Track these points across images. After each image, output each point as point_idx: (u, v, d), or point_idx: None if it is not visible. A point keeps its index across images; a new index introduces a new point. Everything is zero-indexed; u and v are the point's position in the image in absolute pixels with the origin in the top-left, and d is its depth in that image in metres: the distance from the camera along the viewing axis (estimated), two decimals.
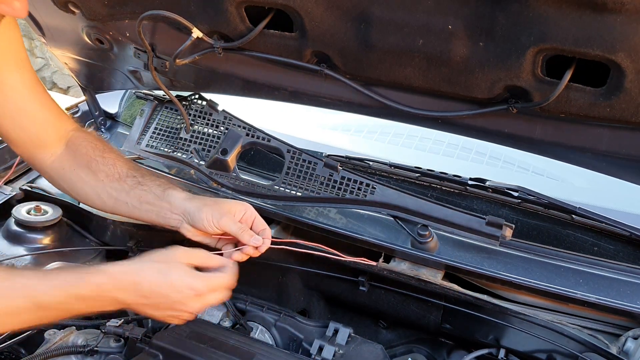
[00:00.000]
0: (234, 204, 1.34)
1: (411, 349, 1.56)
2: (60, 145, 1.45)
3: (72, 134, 1.47)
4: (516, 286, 1.39)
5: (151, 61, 1.61)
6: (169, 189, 1.38)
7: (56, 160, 1.44)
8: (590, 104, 1.20)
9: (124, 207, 1.40)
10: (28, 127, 1.41)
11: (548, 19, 1.07)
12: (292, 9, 1.30)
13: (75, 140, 1.46)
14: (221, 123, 1.71)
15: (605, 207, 1.60)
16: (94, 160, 1.43)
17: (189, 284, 1.14)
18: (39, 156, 1.45)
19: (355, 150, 1.95)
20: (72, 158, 1.44)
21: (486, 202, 1.63)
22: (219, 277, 1.20)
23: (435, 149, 2.11)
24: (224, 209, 1.31)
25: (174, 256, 1.17)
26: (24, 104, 1.39)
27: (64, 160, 1.44)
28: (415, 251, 1.47)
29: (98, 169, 1.42)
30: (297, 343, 1.41)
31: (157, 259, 1.16)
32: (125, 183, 1.40)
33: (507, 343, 1.40)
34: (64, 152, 1.45)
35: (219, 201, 1.35)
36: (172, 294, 1.14)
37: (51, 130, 1.44)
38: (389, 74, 1.36)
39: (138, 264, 1.16)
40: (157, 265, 1.15)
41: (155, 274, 1.14)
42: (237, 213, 1.32)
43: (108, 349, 1.33)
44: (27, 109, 1.40)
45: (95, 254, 1.72)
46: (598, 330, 1.39)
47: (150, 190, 1.38)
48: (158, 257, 1.16)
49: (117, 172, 1.41)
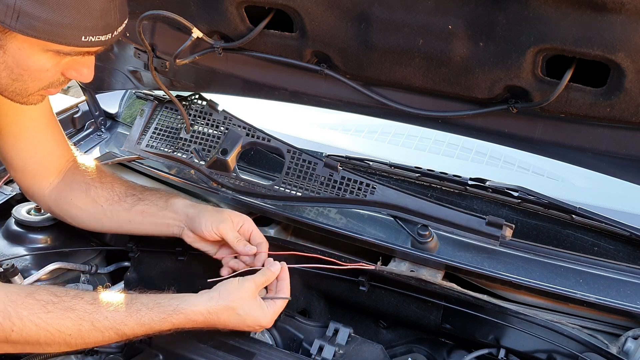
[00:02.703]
0: (234, 214, 1.38)
1: (411, 348, 1.56)
2: (58, 176, 1.48)
3: (70, 164, 1.50)
4: (516, 286, 1.39)
5: (151, 61, 1.61)
6: (171, 198, 1.43)
7: (53, 191, 1.48)
8: (590, 104, 1.20)
9: (126, 225, 1.45)
10: (34, 156, 1.44)
11: (548, 18, 1.07)
12: (292, 9, 1.30)
13: (73, 171, 1.49)
14: (221, 123, 1.71)
15: (605, 207, 1.60)
16: (92, 186, 1.46)
17: (258, 321, 1.23)
18: (37, 185, 1.48)
19: (355, 150, 1.95)
20: (68, 189, 1.47)
21: (486, 202, 1.63)
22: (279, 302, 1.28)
23: (435, 149, 2.11)
24: (223, 216, 1.36)
25: (246, 292, 1.22)
26: (37, 134, 1.43)
27: (61, 190, 1.48)
28: (415, 251, 1.47)
29: (97, 194, 1.45)
30: (297, 343, 1.41)
31: (231, 298, 1.20)
32: (125, 202, 1.44)
33: (507, 343, 1.40)
34: (61, 183, 1.48)
35: (220, 210, 1.39)
36: (244, 327, 1.25)
37: (54, 162, 1.48)
38: (389, 74, 1.36)
39: (215, 305, 1.19)
40: (232, 307, 1.20)
41: (231, 317, 1.21)
42: (236, 223, 1.37)
43: (108, 349, 1.33)
44: (38, 139, 1.44)
45: (95, 254, 1.72)
46: (598, 330, 1.39)
47: (153, 202, 1.43)
48: (233, 297, 1.21)
49: (117, 194, 1.45)
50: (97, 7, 1.01)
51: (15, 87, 1.10)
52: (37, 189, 1.49)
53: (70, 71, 1.12)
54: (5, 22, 0.97)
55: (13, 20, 0.97)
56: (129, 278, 1.65)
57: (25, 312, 1.07)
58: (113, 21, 1.05)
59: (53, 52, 1.05)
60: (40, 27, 0.98)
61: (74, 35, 1.01)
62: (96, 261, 1.70)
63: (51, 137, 1.47)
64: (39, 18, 0.97)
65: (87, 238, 1.76)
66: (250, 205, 1.64)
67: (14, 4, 0.96)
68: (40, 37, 1.00)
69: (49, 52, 1.04)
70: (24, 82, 1.09)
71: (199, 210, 1.38)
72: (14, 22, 0.97)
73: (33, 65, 1.06)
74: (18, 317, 1.07)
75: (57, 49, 1.04)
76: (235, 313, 1.20)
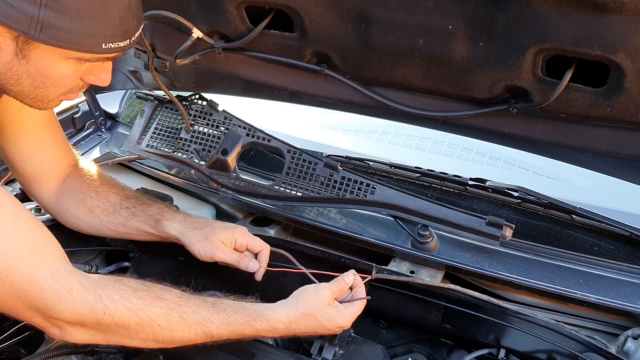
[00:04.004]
0: (224, 234, 1.38)
1: (411, 348, 1.56)
2: (57, 181, 1.48)
3: (70, 170, 1.50)
4: (516, 286, 1.39)
5: (151, 61, 1.61)
6: (162, 219, 1.43)
7: (52, 197, 1.48)
8: (591, 104, 1.20)
9: (126, 236, 1.49)
10: (34, 157, 1.44)
11: (548, 19, 1.07)
12: (292, 9, 1.30)
13: (72, 178, 1.48)
14: (221, 123, 1.71)
15: (605, 207, 1.60)
16: (89, 196, 1.47)
17: (338, 324, 1.26)
18: (37, 188, 1.48)
19: (355, 150, 1.95)
20: (67, 196, 1.47)
21: (486, 202, 1.63)
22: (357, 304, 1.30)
23: (436, 149, 2.11)
24: (214, 243, 1.37)
25: (322, 299, 1.25)
26: (39, 137, 1.44)
27: (59, 198, 1.48)
28: (415, 251, 1.47)
29: (93, 205, 1.46)
30: (297, 343, 1.41)
31: (310, 305, 1.24)
32: (120, 215, 1.45)
33: (507, 343, 1.40)
34: (59, 190, 1.48)
35: (209, 234, 1.38)
36: (324, 331, 1.27)
37: (53, 165, 1.48)
38: (389, 74, 1.36)
39: (295, 314, 1.23)
40: (311, 314, 1.23)
41: (310, 322, 1.23)
42: (229, 243, 1.38)
43: (108, 349, 1.33)
44: (39, 142, 1.44)
45: (95, 254, 1.72)
46: (598, 330, 1.39)
47: (145, 221, 1.44)
48: (311, 304, 1.24)
49: (111, 204, 1.46)
50: (117, 14, 1.04)
51: (36, 94, 1.12)
52: (37, 193, 1.49)
53: (89, 76, 1.14)
54: (30, 33, 0.99)
55: (37, 31, 0.99)
56: None
57: (117, 296, 1.09)
58: (131, 27, 1.08)
59: (74, 59, 1.07)
60: (63, 36, 1.00)
61: (95, 43, 1.04)
62: (96, 261, 1.70)
63: (50, 139, 1.47)
64: (61, 28, 1.00)
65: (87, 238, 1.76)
66: (250, 205, 1.64)
67: (37, 16, 0.98)
68: (63, 47, 1.02)
69: (70, 60, 1.07)
70: (45, 89, 1.11)
71: (189, 239, 1.38)
72: (38, 33, 0.99)
73: (55, 72, 1.08)
74: (110, 300, 1.08)
75: (79, 56, 1.06)
76: (315, 319, 1.23)
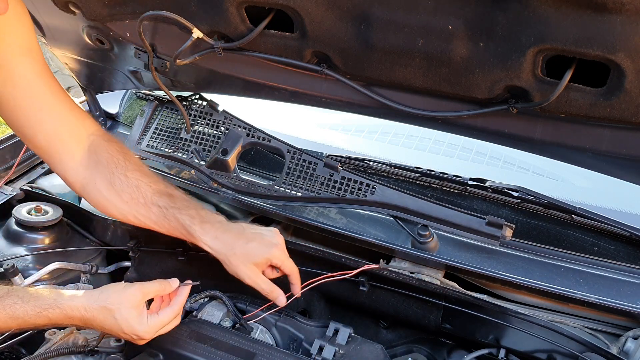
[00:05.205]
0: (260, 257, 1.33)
1: (411, 348, 1.56)
2: (79, 148, 1.37)
3: (92, 138, 1.39)
4: (516, 286, 1.39)
5: (152, 61, 1.61)
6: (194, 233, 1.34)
7: (78, 168, 1.37)
8: (590, 104, 1.20)
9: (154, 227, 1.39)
10: (42, 119, 1.34)
11: (548, 19, 1.07)
12: (292, 9, 1.30)
13: (97, 150, 1.38)
14: (221, 123, 1.71)
15: (605, 207, 1.60)
16: (118, 178, 1.36)
17: (134, 330, 1.18)
18: (58, 157, 1.37)
19: (355, 150, 1.95)
20: (94, 170, 1.37)
21: (486, 202, 1.63)
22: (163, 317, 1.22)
23: (435, 149, 2.11)
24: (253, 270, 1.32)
25: (128, 298, 1.18)
26: (36, 93, 1.33)
27: (86, 170, 1.37)
28: (415, 251, 1.47)
29: (122, 189, 1.36)
30: (297, 343, 1.41)
31: (111, 300, 1.17)
32: (151, 212, 1.36)
33: (507, 343, 1.40)
34: (85, 159, 1.37)
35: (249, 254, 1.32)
36: (120, 334, 1.20)
37: (68, 126, 1.37)
38: (389, 74, 1.36)
39: (93, 305, 1.17)
40: (110, 309, 1.17)
41: (107, 319, 1.17)
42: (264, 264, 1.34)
43: (108, 349, 1.33)
44: (39, 98, 1.33)
45: (95, 254, 1.72)
46: (598, 330, 1.39)
47: (176, 228, 1.36)
48: (113, 299, 1.17)
49: (142, 196, 1.36)
50: None
51: None
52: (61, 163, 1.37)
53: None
54: None
55: None
56: (129, 278, 1.65)
57: None
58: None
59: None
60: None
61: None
62: (96, 261, 1.70)
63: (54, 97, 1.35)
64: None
65: (87, 238, 1.76)
66: (250, 205, 1.64)
67: None
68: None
69: None
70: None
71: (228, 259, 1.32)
72: None
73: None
74: None
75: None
76: (112, 316, 1.16)
